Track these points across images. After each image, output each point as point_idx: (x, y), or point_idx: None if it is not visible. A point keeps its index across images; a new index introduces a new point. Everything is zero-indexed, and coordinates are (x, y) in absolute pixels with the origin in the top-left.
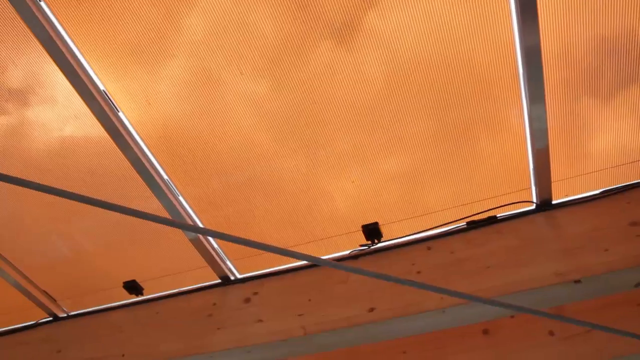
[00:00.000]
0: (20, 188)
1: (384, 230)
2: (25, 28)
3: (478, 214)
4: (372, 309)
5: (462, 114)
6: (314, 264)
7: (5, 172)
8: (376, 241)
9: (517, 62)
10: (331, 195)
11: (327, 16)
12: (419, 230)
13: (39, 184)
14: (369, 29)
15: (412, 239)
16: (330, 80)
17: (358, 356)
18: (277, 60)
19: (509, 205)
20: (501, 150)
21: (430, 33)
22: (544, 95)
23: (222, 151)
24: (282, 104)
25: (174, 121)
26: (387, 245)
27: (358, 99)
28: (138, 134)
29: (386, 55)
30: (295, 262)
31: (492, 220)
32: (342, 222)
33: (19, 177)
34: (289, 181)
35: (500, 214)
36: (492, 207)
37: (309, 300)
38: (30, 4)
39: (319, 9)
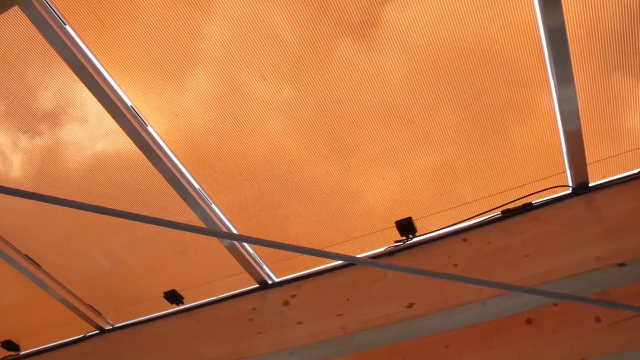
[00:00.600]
0: (61, 208)
1: (418, 225)
2: (54, 52)
3: (513, 202)
4: (411, 305)
5: (490, 102)
6: (350, 263)
7: (42, 193)
8: (411, 236)
9: (541, 44)
10: (363, 194)
11: (346, 15)
12: (453, 223)
13: (77, 202)
14: (388, 24)
15: (447, 232)
16: (353, 80)
17: (400, 353)
18: (300, 64)
19: (545, 191)
20: (532, 136)
21: (450, 23)
22: (572, 76)
23: (252, 158)
24: (307, 108)
25: (202, 131)
26: (422, 239)
27: (383, 97)
28: (168, 147)
29: (407, 49)
30: (332, 262)
31: (528, 207)
32: (376, 220)
33: (56, 196)
34: (320, 183)
35: (536, 200)
36: (527, 194)
37: (348, 300)
38: (57, 29)
39: (337, 8)
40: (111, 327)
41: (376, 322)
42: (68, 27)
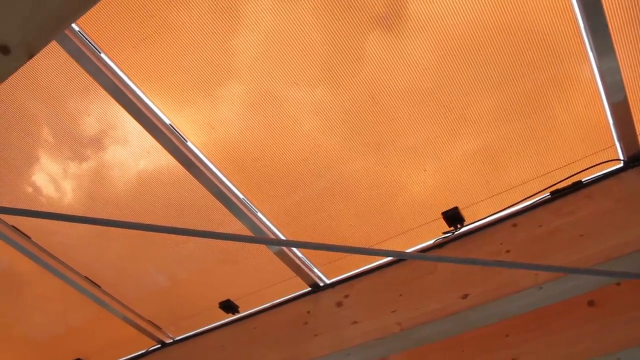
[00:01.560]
0: (114, 228)
1: (465, 213)
2: (91, 80)
3: (562, 181)
4: (465, 296)
5: (528, 81)
6: (400, 258)
7: (93, 215)
8: (459, 226)
9: (576, 16)
10: (405, 187)
11: (370, 7)
12: (501, 208)
13: (128, 222)
14: (414, 11)
15: (496, 218)
16: (385, 73)
17: (459, 345)
18: (329, 62)
19: (595, 167)
20: (576, 111)
21: (478, 3)
22: (612, 46)
23: (290, 161)
24: (341, 105)
25: (239, 140)
26: (471, 228)
27: (416, 86)
28: (208, 159)
29: (437, 34)
30: (381, 259)
31: (578, 185)
32: (421, 212)
33: (108, 218)
34: (361, 179)
35: (586, 177)
36: (576, 171)
37: (400, 295)
38: (92, 57)
39: (360, 1)
40: (172, 340)
41: (431, 315)
42: (103, 55)
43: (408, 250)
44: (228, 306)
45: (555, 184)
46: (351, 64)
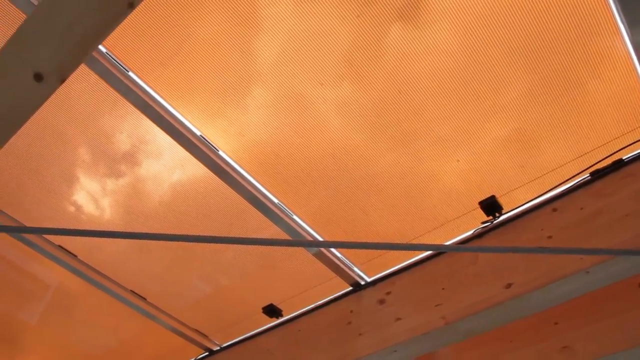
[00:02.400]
0: (153, 242)
1: (503, 201)
2: (121, 98)
3: (601, 160)
4: (509, 285)
5: (558, 60)
6: (440, 252)
7: (132, 230)
8: (497, 214)
9: None
10: (439, 179)
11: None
12: (540, 193)
13: (168, 234)
14: None
15: (535, 204)
16: (409, 65)
17: (507, 336)
18: (352, 59)
19: (635, 144)
20: (612, 87)
21: None
22: None
23: (321, 160)
24: (368, 101)
25: (269, 145)
26: (510, 216)
27: (442, 76)
28: (241, 166)
29: (460, 20)
30: (421, 253)
31: (619, 164)
32: (458, 203)
33: (146, 232)
34: (393, 174)
35: (627, 155)
36: (616, 149)
37: (443, 288)
38: (120, 76)
39: None
40: (219, 348)
41: (475, 307)
42: (130, 73)
43: (447, 243)
44: (271, 310)
45: (594, 164)
46: (374, 59)
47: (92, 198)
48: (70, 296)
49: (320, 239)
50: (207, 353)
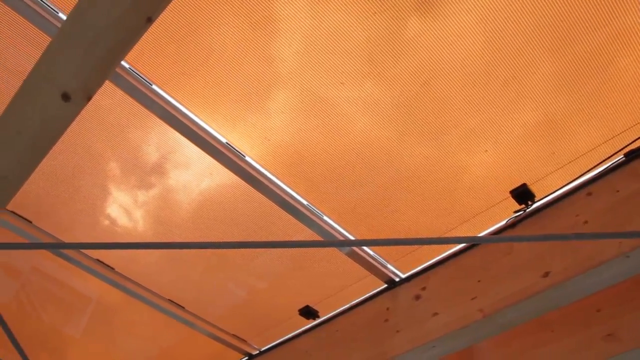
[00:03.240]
0: (186, 250)
1: (534, 189)
2: (147, 111)
3: (635, 141)
4: (546, 274)
5: (585, 40)
6: (474, 244)
7: (165, 240)
8: (530, 203)
9: None
10: (468, 170)
11: None
12: (573, 178)
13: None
14: None
15: (569, 189)
16: (430, 57)
17: (548, 325)
18: (373, 55)
19: None
20: None
21: None
22: None
23: (350, 161)
24: (391, 97)
25: (295, 148)
26: (544, 203)
27: (465, 66)
28: (268, 171)
29: (479, 8)
30: (454, 247)
31: None
32: (489, 194)
33: (179, 241)
34: (422, 168)
35: None
36: None
37: (479, 281)
38: (145, 90)
39: None
40: (258, 351)
41: (513, 298)
42: (154, 86)
43: (480, 234)
44: (308, 312)
45: (628, 145)
46: (395, 54)
47: (125, 211)
48: (111, 308)
49: (352, 238)
50: (247, 357)
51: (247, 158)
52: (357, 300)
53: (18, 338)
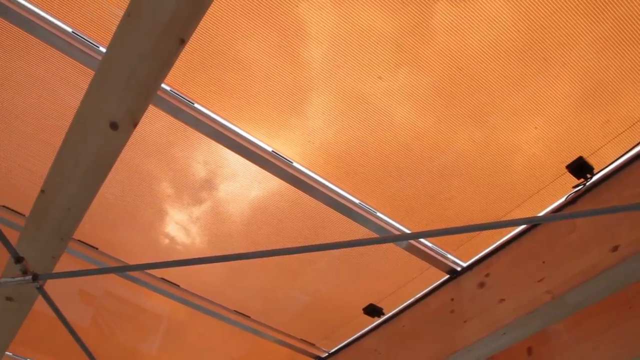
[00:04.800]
0: (246, 260)
1: (592, 161)
2: (191, 129)
3: None
4: (615, 248)
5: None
6: (534, 224)
7: (222, 252)
8: (589, 176)
9: None
10: (519, 150)
11: None
12: (632, 146)
13: (261, 251)
14: None
15: (629, 158)
16: (464, 40)
17: (625, 302)
18: (404, 45)
19: None
20: None
21: None
22: None
23: (395, 154)
24: (428, 85)
25: (341, 148)
26: (604, 175)
27: (502, 45)
28: (316, 174)
29: None
30: (514, 230)
31: None
32: (544, 172)
33: (237, 253)
34: (470, 153)
35: None
36: None
37: (543, 262)
38: (187, 109)
39: None
40: (327, 354)
41: (582, 276)
42: (196, 105)
43: (540, 214)
44: (372, 310)
45: None
46: (426, 40)
47: (182, 228)
48: (181, 324)
49: (408, 231)
50: None
51: (295, 164)
52: (420, 294)
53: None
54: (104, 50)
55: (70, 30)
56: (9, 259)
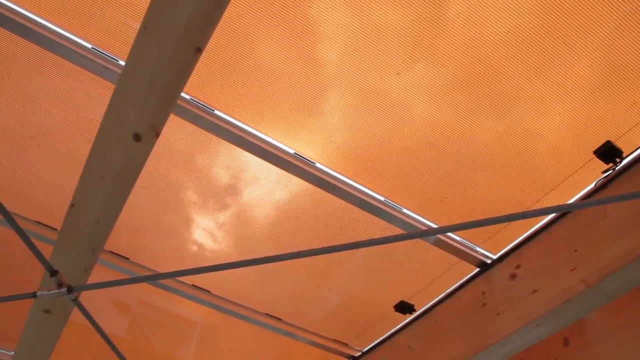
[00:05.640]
0: (275, 264)
1: (620, 145)
2: (213, 136)
3: None
4: None
5: None
6: (563, 212)
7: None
8: (618, 160)
9: None
10: (544, 139)
11: None
12: None
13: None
14: None
15: None
16: (480, 30)
17: None
18: (418, 38)
19: None
20: None
21: None
22: None
23: (417, 148)
24: (448, 78)
25: (361, 146)
26: (633, 158)
27: (520, 33)
28: (339, 173)
29: None
30: (543, 219)
31: None
32: (570, 159)
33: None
34: (495, 146)
35: None
36: None
37: (575, 250)
38: (208, 117)
39: None
40: (360, 353)
41: (617, 263)
42: (217, 111)
43: (570, 202)
44: (403, 307)
45: None
46: (442, 32)
47: (209, 234)
48: (214, 328)
49: (435, 226)
50: None
51: (318, 164)
52: (451, 289)
53: None
54: (123, 63)
55: (90, 46)
56: (44, 273)
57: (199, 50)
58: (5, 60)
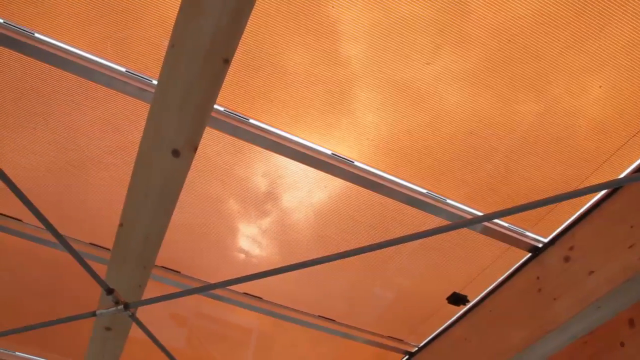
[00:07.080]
0: (321, 266)
1: None
2: (250, 145)
3: None
4: None
5: None
6: (616, 187)
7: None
8: None
9: None
10: (586, 114)
11: None
12: None
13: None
14: None
15: None
16: (506, 11)
17: None
18: (447, 27)
19: None
20: None
21: None
22: None
23: (457, 138)
24: (476, 61)
25: (398, 140)
26: None
27: (550, 10)
28: (380, 170)
29: None
30: (593, 197)
31: None
32: (617, 131)
33: (312, 259)
34: (535, 126)
35: None
36: None
37: (631, 226)
38: (244, 126)
39: None
40: (417, 348)
41: None
42: (251, 120)
43: (621, 176)
44: (457, 299)
45: None
46: (469, 18)
47: (253, 241)
48: (269, 335)
49: (480, 214)
50: (407, 357)
51: (357, 163)
52: (503, 276)
53: None
54: (155, 82)
55: (124, 69)
56: (101, 292)
57: (226, 62)
58: (48, 93)
